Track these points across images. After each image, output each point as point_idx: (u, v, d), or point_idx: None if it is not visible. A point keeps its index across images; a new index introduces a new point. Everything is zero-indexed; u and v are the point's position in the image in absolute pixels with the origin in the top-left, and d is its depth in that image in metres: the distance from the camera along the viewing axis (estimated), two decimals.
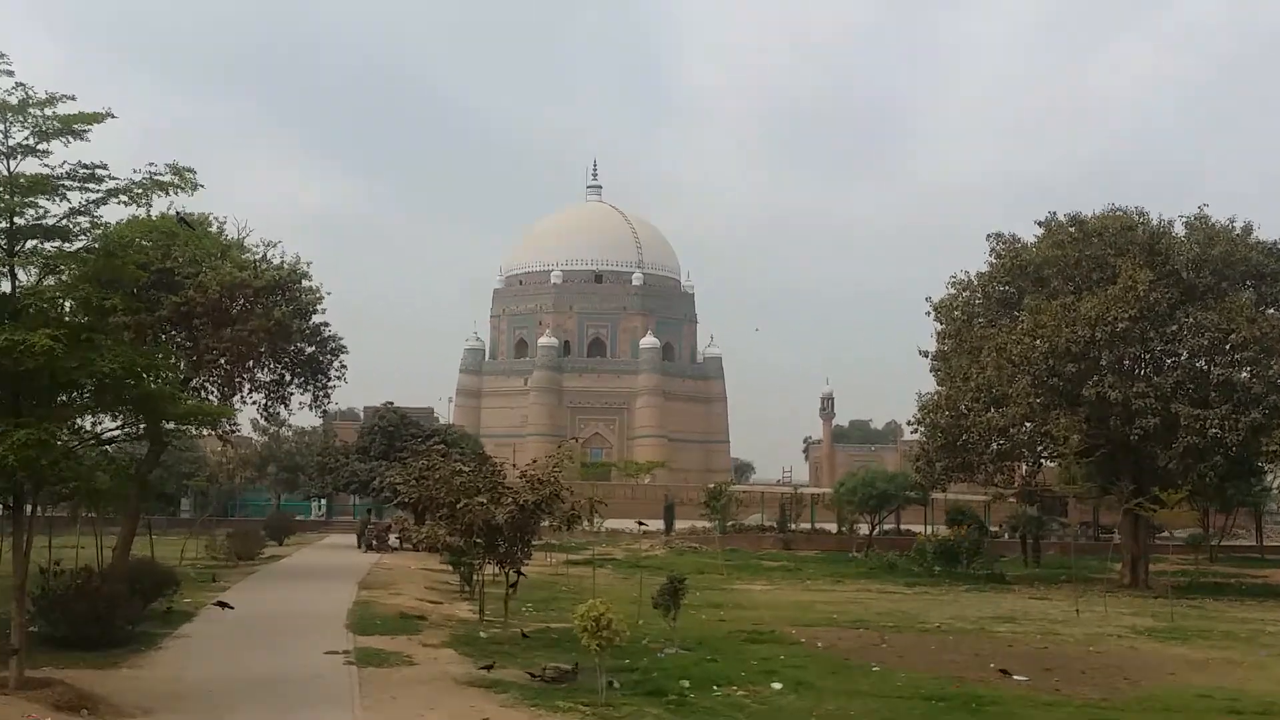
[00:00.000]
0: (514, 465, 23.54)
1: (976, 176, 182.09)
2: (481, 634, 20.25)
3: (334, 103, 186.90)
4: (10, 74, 13.65)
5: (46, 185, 13.98)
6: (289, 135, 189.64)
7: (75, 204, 14.19)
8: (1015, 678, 16.76)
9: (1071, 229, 35.87)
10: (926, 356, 37.97)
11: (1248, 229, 35.00)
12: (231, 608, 21.41)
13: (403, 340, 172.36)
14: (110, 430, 15.75)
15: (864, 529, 52.08)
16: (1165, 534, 49.29)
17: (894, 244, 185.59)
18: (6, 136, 13.86)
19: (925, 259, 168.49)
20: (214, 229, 28.47)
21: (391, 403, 56.80)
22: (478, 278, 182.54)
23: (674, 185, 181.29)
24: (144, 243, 15.07)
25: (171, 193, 14.24)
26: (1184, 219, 35.45)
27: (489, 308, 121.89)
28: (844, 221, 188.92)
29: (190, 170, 14.26)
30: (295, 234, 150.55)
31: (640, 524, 55.74)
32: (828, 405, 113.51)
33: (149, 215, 14.65)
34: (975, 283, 37.22)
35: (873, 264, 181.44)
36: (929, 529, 51.10)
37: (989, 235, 37.51)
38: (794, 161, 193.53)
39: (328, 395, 34.13)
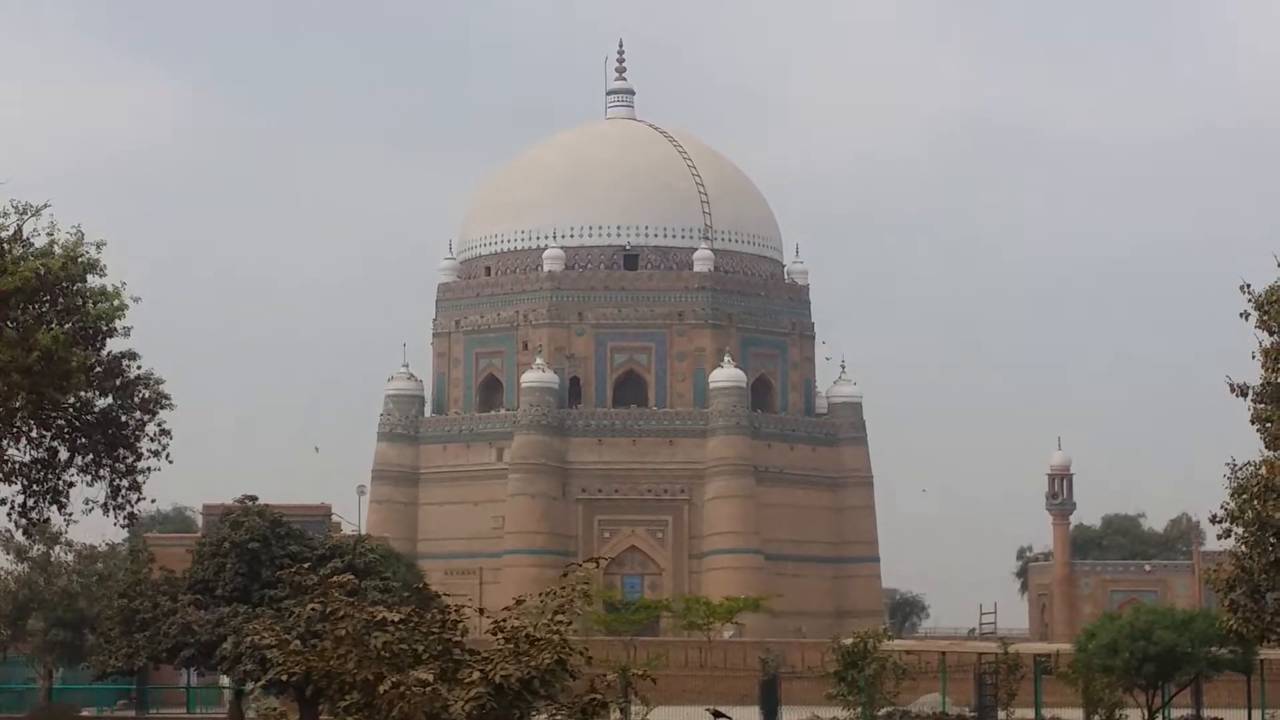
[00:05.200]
0: (481, 610, 23.53)
1: None
2: None
3: None
4: None
5: None
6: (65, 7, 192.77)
7: None
8: None
9: None
10: (1244, 395, 37.88)
11: None
12: None
13: (275, 384, 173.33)
14: None
15: (1135, 717, 51.75)
16: None
17: (1177, 180, 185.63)
18: None
19: (1239, 205, 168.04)
20: None
21: (255, 498, 57.15)
22: (410, 263, 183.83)
23: (772, 88, 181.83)
24: None
25: None
26: None
27: (430, 317, 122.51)
28: (1084, 143, 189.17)
29: None
30: (77, 187, 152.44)
31: (717, 714, 55.41)
32: (1061, 489, 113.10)
33: None
34: None
35: (1133, 218, 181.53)
36: (1261, 716, 50.62)
37: None
38: (1004, 40, 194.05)
39: (137, 488, 34.38)
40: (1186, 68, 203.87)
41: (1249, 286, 38.20)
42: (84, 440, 33.51)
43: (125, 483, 34.66)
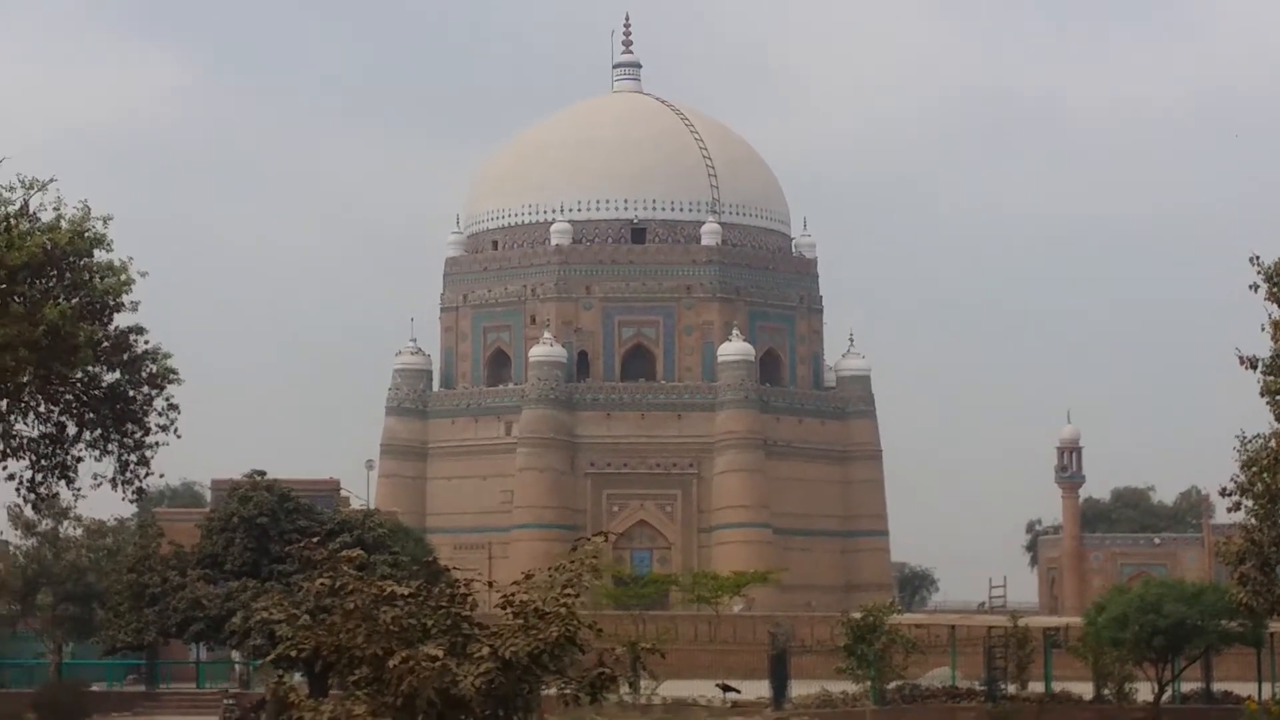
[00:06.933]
0: (490, 584, 23.55)
1: None
2: None
3: None
4: None
5: None
6: None
7: None
8: None
9: None
10: (1254, 367, 37.93)
11: None
12: None
13: (283, 359, 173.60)
14: None
15: (1145, 691, 51.81)
16: None
17: (1187, 151, 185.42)
18: None
19: (1249, 176, 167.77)
20: None
21: (263, 472, 57.25)
22: (417, 238, 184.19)
23: (779, 61, 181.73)
24: None
25: None
26: None
27: (437, 292, 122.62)
28: (1093, 114, 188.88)
29: None
30: (80, 162, 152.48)
31: (726, 688, 55.45)
32: (1070, 462, 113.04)
33: None
34: None
35: (1142, 189, 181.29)
36: (1271, 690, 50.66)
37: None
38: (1013, 12, 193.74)
39: (146, 463, 34.40)
40: (1196, 38, 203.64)
41: (1259, 259, 38.38)
42: (92, 415, 33.55)
43: (133, 458, 34.72)
